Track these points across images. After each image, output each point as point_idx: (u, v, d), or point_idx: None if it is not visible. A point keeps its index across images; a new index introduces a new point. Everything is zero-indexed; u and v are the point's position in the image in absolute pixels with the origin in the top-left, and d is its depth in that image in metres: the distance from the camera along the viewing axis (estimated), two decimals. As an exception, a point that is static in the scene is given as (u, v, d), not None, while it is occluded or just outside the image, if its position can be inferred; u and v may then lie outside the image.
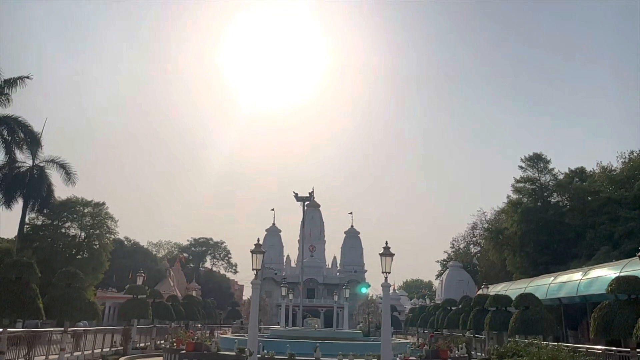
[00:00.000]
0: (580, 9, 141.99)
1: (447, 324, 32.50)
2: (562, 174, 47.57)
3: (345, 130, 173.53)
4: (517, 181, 48.24)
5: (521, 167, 48.37)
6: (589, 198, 42.51)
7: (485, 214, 59.68)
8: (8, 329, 15.57)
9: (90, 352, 22.01)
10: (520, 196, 47.86)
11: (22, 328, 19.57)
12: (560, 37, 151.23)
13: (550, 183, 47.38)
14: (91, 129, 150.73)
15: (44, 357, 18.10)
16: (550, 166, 47.74)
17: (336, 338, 25.93)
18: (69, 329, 20.10)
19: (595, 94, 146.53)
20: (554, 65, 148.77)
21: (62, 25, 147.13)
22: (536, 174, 47.64)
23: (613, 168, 43.61)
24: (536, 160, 47.79)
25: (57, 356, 18.65)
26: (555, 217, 43.70)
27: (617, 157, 44.15)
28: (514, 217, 46.29)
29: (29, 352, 17.02)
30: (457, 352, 20.57)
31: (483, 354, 27.02)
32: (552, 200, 47.08)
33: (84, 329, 23.04)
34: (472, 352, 26.85)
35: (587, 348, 17.97)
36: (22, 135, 34.15)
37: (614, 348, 17.91)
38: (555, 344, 17.79)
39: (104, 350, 23.31)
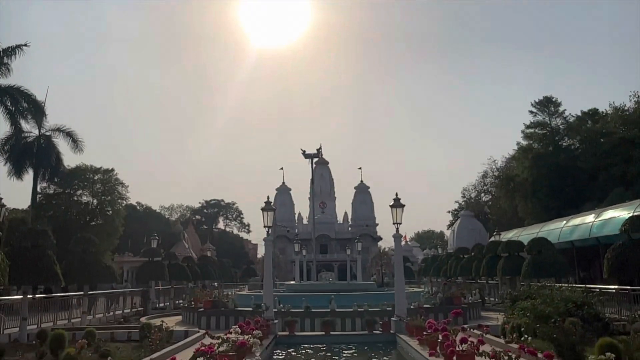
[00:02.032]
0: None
1: (460, 271, 32.85)
2: (574, 116, 46.82)
3: (352, 84, 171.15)
4: (527, 127, 47.62)
5: (531, 112, 47.67)
6: (602, 140, 41.94)
7: (496, 162, 59.31)
8: (28, 295, 15.93)
9: (112, 313, 22.63)
10: (531, 142, 47.34)
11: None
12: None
13: (561, 127, 46.72)
14: (93, 93, 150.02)
15: (67, 320, 18.60)
16: (562, 109, 46.98)
17: (350, 290, 26.33)
18: (89, 292, 20.59)
19: (607, 33, 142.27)
20: (565, 4, 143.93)
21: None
22: (547, 118, 46.93)
23: (626, 108, 42.73)
24: (547, 104, 46.96)
25: (79, 319, 19.17)
26: (566, 161, 43.29)
27: (630, 96, 43.16)
28: (524, 163, 45.93)
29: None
30: (470, 298, 20.81)
31: (496, 299, 27.38)
32: (564, 144, 46.55)
33: (101, 292, 23.62)
34: (486, 298, 27.24)
35: (601, 288, 18.06)
36: (25, 105, 33.94)
37: (628, 287, 18.00)
38: (568, 285, 17.91)
39: (125, 311, 23.93)
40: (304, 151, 48.78)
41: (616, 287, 18.06)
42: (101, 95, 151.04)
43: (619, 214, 25.01)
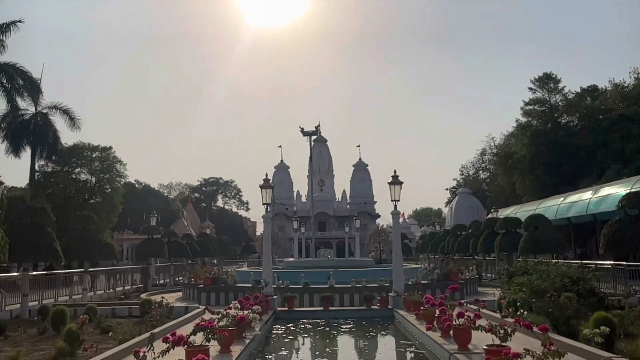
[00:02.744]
0: None
1: (458, 248, 33.09)
2: (573, 93, 46.57)
3: (351, 62, 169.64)
4: (527, 103, 47.40)
5: (531, 89, 47.37)
6: (600, 116, 41.81)
7: (494, 139, 59.19)
8: (29, 272, 16.04)
9: (112, 290, 22.84)
10: (530, 119, 47.18)
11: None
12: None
13: (560, 104, 46.52)
14: (89, 72, 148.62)
15: (68, 296, 18.78)
16: (561, 86, 46.71)
17: (349, 266, 26.53)
18: (89, 269, 20.75)
19: (608, 9, 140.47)
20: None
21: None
22: (546, 95, 46.68)
23: (626, 84, 42.48)
24: (546, 81, 46.66)
25: (80, 296, 19.35)
26: (565, 138, 43.24)
27: (629, 72, 42.87)
28: (523, 140, 45.87)
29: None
30: (467, 274, 21.03)
31: (493, 275, 27.66)
32: (562, 121, 46.40)
33: (102, 269, 23.79)
34: (483, 274, 27.52)
35: (596, 264, 18.25)
36: (21, 82, 33.65)
37: (624, 263, 18.19)
38: (565, 261, 18.08)
39: (125, 288, 24.15)
40: (302, 129, 48.70)
41: (612, 262, 18.25)
42: (97, 74, 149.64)
43: (616, 190, 25.10)
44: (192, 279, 20.42)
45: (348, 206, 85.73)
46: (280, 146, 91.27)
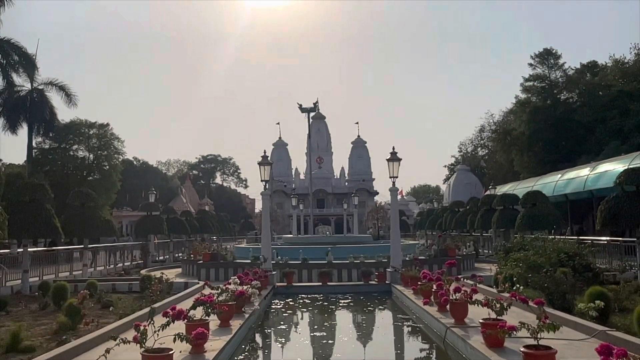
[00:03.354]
0: None
1: (455, 224, 33.23)
2: (573, 69, 46.22)
3: (350, 39, 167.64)
4: (526, 80, 47.03)
5: (531, 65, 46.94)
6: (600, 93, 41.58)
7: (493, 116, 58.95)
8: (29, 249, 16.11)
9: (112, 266, 23.01)
10: (529, 95, 46.90)
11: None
12: None
13: (560, 80, 46.18)
14: (84, 46, 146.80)
15: (68, 272, 18.92)
16: (561, 61, 46.31)
17: (347, 242, 26.71)
18: (89, 245, 20.85)
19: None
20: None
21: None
22: (546, 71, 46.31)
23: (626, 60, 42.14)
24: (546, 56, 46.23)
25: (80, 272, 19.48)
26: (564, 114, 43.05)
27: (630, 49, 42.49)
28: (522, 117, 45.68)
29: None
30: (464, 250, 21.18)
31: (490, 251, 27.86)
32: (562, 97, 46.14)
33: (102, 245, 23.92)
34: (480, 250, 27.70)
35: (592, 239, 18.39)
36: (16, 58, 33.32)
37: (620, 238, 18.33)
38: (561, 237, 18.20)
39: (125, 264, 24.32)
40: (301, 105, 48.38)
41: (608, 238, 18.40)
42: (94, 50, 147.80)
43: (614, 167, 25.10)
44: (192, 255, 20.54)
45: (346, 183, 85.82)
46: (278, 123, 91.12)
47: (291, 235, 40.44)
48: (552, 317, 7.29)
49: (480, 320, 7.40)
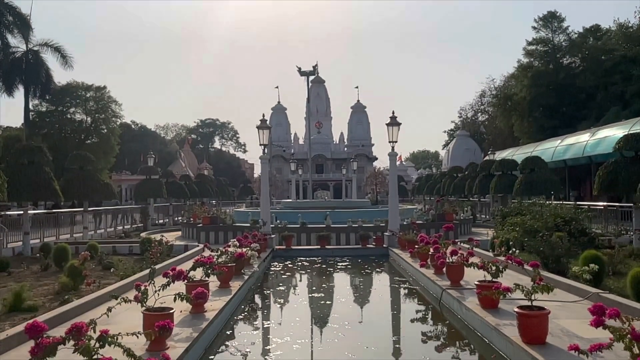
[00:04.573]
0: None
1: (454, 190, 33.36)
2: (576, 33, 45.48)
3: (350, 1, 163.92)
4: (529, 43, 46.36)
5: (534, 28, 46.18)
6: (603, 57, 41.07)
7: (494, 80, 58.29)
8: (29, 211, 16.19)
9: (112, 229, 23.19)
10: (532, 59, 46.33)
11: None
12: None
13: (563, 44, 45.52)
14: (79, 8, 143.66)
15: (69, 235, 19.08)
16: (565, 25, 45.55)
17: (345, 207, 26.87)
18: (89, 208, 20.96)
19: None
20: None
21: None
22: (549, 35, 45.59)
23: (630, 25, 41.44)
24: (550, 19, 45.42)
25: (81, 234, 19.65)
26: (566, 79, 42.63)
27: (635, 12, 41.75)
28: (523, 81, 45.24)
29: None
30: (462, 215, 21.32)
31: (487, 216, 28.07)
32: (565, 62, 45.59)
33: (101, 208, 24.04)
34: (477, 215, 27.92)
35: (589, 205, 18.52)
36: (10, 18, 32.69)
37: (616, 204, 18.46)
38: (558, 202, 18.30)
39: (125, 227, 24.50)
40: (300, 68, 47.80)
41: (604, 204, 18.52)
42: (89, 14, 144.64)
43: (614, 132, 25.02)
44: (191, 219, 20.69)
45: (345, 148, 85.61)
46: (277, 87, 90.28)
47: (290, 200, 40.63)
48: (547, 279, 7.38)
49: (476, 282, 7.53)
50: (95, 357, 3.62)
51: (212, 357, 6.22)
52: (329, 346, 6.89)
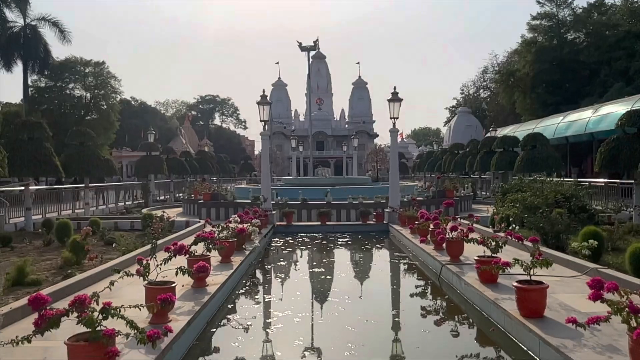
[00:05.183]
0: None
1: (454, 167, 33.35)
2: (581, 8, 44.80)
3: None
4: (533, 18, 45.68)
5: (539, 2, 45.37)
6: (607, 32, 40.55)
7: (497, 56, 57.83)
8: (30, 187, 16.23)
9: (114, 205, 23.27)
10: (536, 34, 45.74)
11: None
12: None
13: (568, 19, 44.86)
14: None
15: (71, 211, 19.16)
16: (570, -1, 44.82)
17: (346, 184, 26.88)
18: (90, 184, 20.99)
19: None
20: None
21: None
22: (554, 9, 44.87)
23: (635, 0, 40.81)
24: (556, -7, 44.70)
25: (82, 210, 19.73)
26: (570, 55, 42.15)
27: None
28: (527, 57, 44.74)
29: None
30: (462, 191, 21.35)
31: (488, 193, 28.13)
32: (569, 37, 45.00)
33: (102, 185, 24.08)
34: (478, 192, 27.96)
35: (590, 181, 18.53)
36: (7, -9, 32.25)
37: (617, 180, 18.46)
38: (559, 179, 18.29)
39: (127, 203, 24.58)
40: (300, 43, 47.21)
41: (605, 180, 18.52)
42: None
43: (617, 109, 24.83)
44: (192, 195, 20.74)
45: (346, 125, 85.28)
46: (277, 62, 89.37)
47: (291, 177, 40.66)
48: (546, 255, 7.42)
49: (475, 258, 7.57)
50: (98, 328, 3.67)
51: (214, 330, 6.30)
52: (329, 320, 6.97)
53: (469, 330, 6.60)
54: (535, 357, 4.95)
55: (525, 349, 5.20)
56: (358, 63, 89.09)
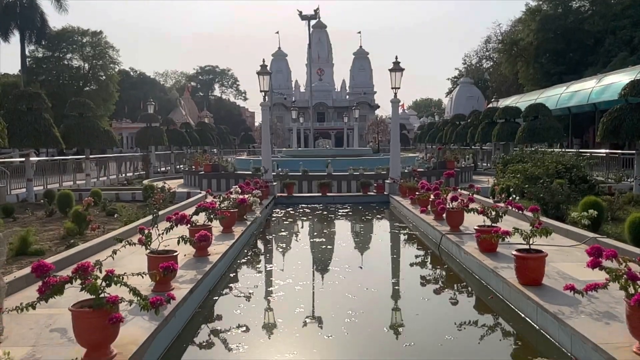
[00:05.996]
0: None
1: (456, 138, 33.20)
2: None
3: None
4: (539, -15, 44.78)
5: (546, -32, 44.44)
6: (612, 1, 39.83)
7: (501, 25, 56.86)
8: (31, 158, 16.23)
9: (115, 176, 23.31)
10: (540, 2, 44.89)
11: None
12: None
13: (573, -15, 44.00)
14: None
15: (72, 182, 19.20)
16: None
17: (347, 155, 26.85)
18: (91, 156, 20.98)
19: None
20: None
21: None
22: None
23: (644, -34, 39.88)
24: (561, -40, 43.70)
25: (83, 181, 19.77)
26: (574, 23, 41.45)
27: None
28: (531, 26, 44.02)
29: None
30: (464, 162, 21.34)
31: (489, 164, 28.11)
32: (574, 5, 44.18)
33: (103, 156, 24.07)
34: (479, 163, 27.95)
35: (591, 152, 18.51)
36: (0, -41, 31.59)
37: (618, 151, 18.42)
38: (560, 149, 18.27)
39: (128, 174, 24.62)
40: (301, 12, 46.52)
41: (606, 151, 18.49)
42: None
43: (620, 79, 24.58)
44: (193, 166, 20.75)
45: (347, 96, 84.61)
46: (277, 32, 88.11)
47: (291, 148, 40.59)
48: (546, 225, 7.48)
49: (475, 227, 7.61)
50: (102, 295, 3.71)
51: (216, 298, 6.39)
52: (329, 288, 7.05)
53: (468, 299, 6.68)
54: (533, 324, 5.03)
55: (523, 315, 5.28)
56: (359, 33, 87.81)
